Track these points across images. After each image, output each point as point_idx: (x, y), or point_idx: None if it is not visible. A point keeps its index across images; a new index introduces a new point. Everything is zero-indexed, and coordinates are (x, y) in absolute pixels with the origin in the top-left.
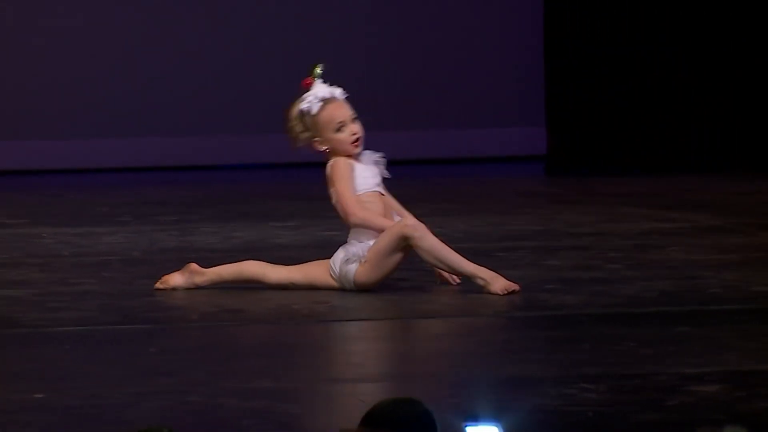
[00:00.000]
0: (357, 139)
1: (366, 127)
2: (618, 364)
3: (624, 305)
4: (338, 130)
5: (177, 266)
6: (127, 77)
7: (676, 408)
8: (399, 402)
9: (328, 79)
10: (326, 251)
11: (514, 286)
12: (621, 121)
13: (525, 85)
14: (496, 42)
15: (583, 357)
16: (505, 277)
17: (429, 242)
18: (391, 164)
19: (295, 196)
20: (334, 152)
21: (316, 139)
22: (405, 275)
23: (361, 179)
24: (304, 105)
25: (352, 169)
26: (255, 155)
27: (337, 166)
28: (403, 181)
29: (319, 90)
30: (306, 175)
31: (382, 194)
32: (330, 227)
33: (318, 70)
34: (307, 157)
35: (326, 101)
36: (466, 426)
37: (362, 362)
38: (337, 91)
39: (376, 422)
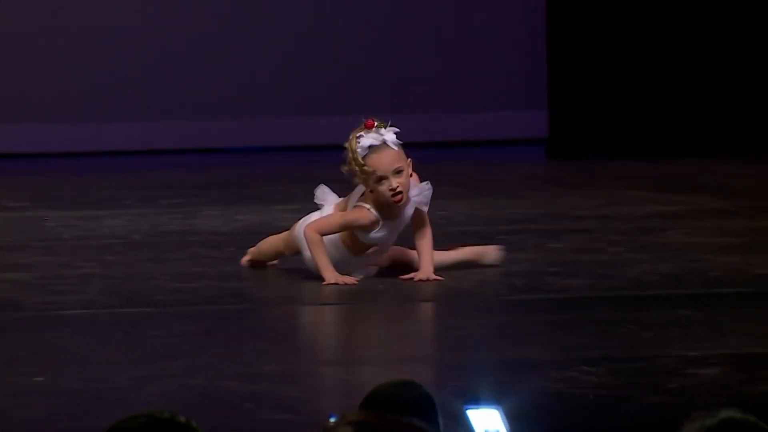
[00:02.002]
0: (397, 194)
1: (371, 111)
2: (619, 347)
3: (626, 288)
4: (379, 181)
5: (180, 249)
6: (131, 61)
7: (677, 391)
8: (399, 385)
9: (335, 62)
10: None
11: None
12: (623, 104)
13: (526, 68)
14: (497, 25)
15: (585, 340)
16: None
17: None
18: None
19: (299, 179)
20: (377, 199)
21: (365, 183)
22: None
23: (373, 235)
24: (359, 149)
25: (358, 226)
26: (259, 138)
27: (353, 215)
28: None
29: (369, 138)
30: (310, 158)
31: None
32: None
33: (385, 125)
34: (310, 140)
35: (373, 149)
36: (466, 409)
37: (362, 345)
38: (390, 137)
39: (376, 405)
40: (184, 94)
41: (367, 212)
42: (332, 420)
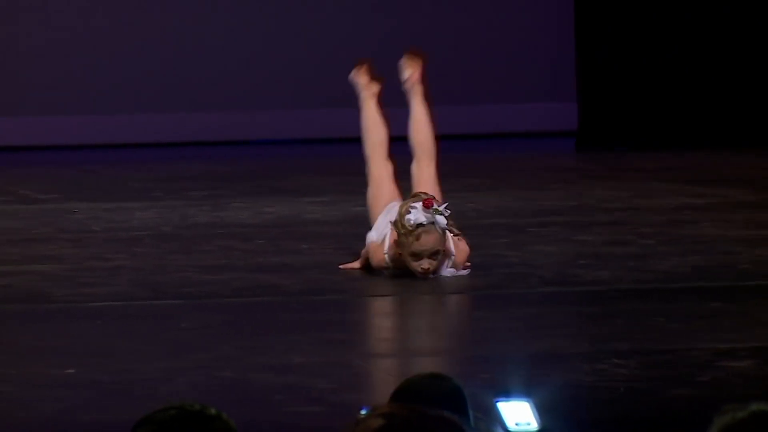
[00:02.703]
0: (423, 273)
1: (399, 103)
2: (650, 340)
3: (656, 281)
4: (413, 256)
5: (209, 241)
6: (161, 53)
7: (707, 383)
8: (429, 378)
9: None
10: (359, 227)
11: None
12: (652, 96)
13: (556, 60)
14: (527, 18)
15: (615, 332)
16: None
17: None
18: None
19: (328, 171)
20: (399, 257)
21: (399, 247)
22: None
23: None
24: (406, 218)
25: (375, 256)
26: (287, 131)
27: (371, 253)
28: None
29: (421, 215)
30: (339, 150)
31: None
32: (362, 203)
33: (440, 210)
34: (339, 132)
35: (420, 227)
36: (497, 402)
37: (393, 338)
38: (440, 222)
39: (406, 398)
40: (215, 86)
41: (382, 256)
42: (363, 412)
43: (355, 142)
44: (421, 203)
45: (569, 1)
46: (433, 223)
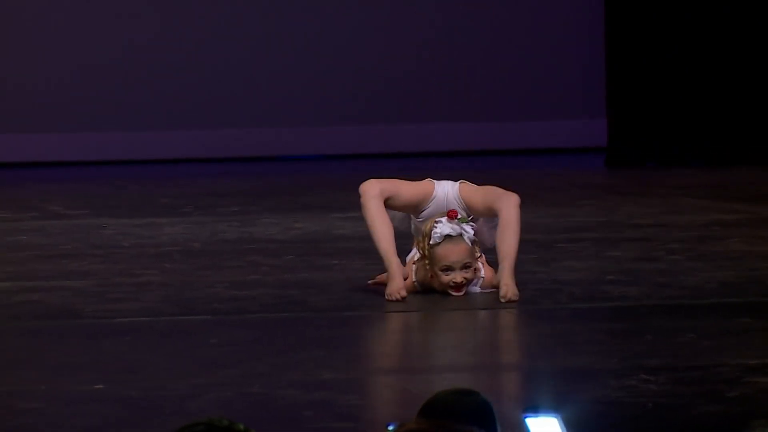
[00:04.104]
0: (457, 287)
1: (428, 118)
2: (678, 356)
3: (685, 297)
4: (444, 270)
5: (238, 257)
6: (190, 70)
7: (736, 399)
8: (457, 393)
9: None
10: None
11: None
12: (682, 112)
13: (586, 77)
14: (557, 34)
15: (644, 348)
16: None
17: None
18: (453, 156)
19: (356, 187)
20: (427, 278)
21: (426, 263)
22: None
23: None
24: (433, 232)
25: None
26: (315, 146)
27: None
28: (465, 172)
29: (447, 227)
30: (367, 166)
31: None
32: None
33: (466, 220)
34: (367, 149)
35: (448, 239)
36: (525, 417)
37: (421, 353)
38: (468, 232)
39: (434, 413)
40: (244, 102)
41: (408, 279)
42: (390, 428)
43: (383, 158)
44: (445, 216)
45: (599, 18)
46: (461, 234)
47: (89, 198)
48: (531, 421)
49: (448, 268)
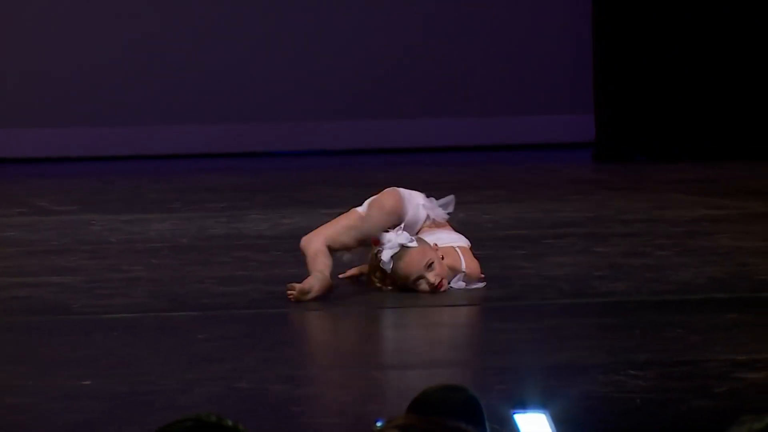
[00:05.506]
0: (437, 287)
1: (417, 115)
2: (667, 351)
3: (673, 292)
4: (414, 282)
5: (226, 253)
6: (179, 65)
7: (725, 395)
8: (446, 389)
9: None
10: None
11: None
12: (670, 107)
13: (573, 71)
14: (544, 29)
15: (632, 344)
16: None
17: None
18: (440, 151)
19: (345, 182)
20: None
21: (398, 284)
22: None
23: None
24: (381, 263)
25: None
26: (305, 142)
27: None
28: (452, 168)
29: (387, 250)
30: (356, 161)
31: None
32: None
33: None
34: (356, 144)
35: (397, 257)
36: (513, 413)
37: (409, 349)
38: (404, 239)
39: (422, 409)
40: (232, 98)
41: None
42: (379, 424)
43: (371, 153)
44: (381, 244)
45: (586, 13)
46: (402, 245)
47: (77, 194)
48: (519, 417)
49: (417, 279)
